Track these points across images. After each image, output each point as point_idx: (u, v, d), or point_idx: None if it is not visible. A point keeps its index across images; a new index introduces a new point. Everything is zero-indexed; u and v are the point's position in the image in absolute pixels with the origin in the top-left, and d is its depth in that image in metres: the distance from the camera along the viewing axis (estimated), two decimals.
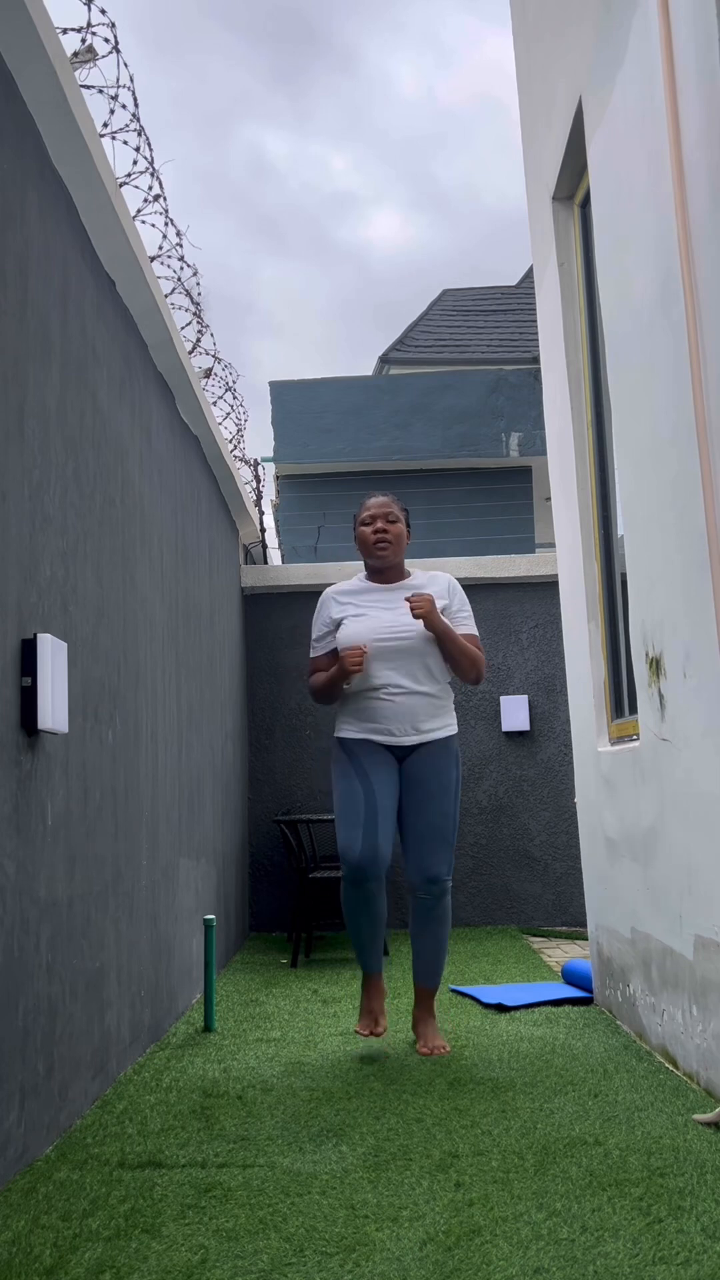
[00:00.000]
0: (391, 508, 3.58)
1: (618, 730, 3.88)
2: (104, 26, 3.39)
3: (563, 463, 4.42)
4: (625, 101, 3.21)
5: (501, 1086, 2.97)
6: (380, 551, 3.54)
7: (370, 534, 3.55)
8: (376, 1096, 2.91)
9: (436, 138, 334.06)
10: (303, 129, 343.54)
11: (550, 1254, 1.86)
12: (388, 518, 3.56)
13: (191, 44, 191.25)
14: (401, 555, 3.59)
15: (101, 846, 3.11)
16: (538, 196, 4.63)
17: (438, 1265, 1.84)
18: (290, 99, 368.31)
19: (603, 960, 4.05)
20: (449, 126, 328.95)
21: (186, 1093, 3.01)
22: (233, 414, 6.29)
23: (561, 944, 5.89)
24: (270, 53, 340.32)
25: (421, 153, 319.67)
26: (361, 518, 3.59)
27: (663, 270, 2.91)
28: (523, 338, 13.68)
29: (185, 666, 4.60)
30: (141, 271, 3.54)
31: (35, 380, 2.64)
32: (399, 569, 3.61)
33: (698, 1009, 2.88)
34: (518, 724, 6.73)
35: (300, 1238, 1.97)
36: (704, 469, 2.62)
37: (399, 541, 3.55)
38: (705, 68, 2.56)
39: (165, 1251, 1.93)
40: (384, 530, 3.54)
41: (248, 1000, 4.42)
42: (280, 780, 6.83)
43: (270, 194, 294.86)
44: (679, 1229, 1.95)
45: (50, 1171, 2.37)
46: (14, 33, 2.48)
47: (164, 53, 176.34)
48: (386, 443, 11.72)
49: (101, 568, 3.22)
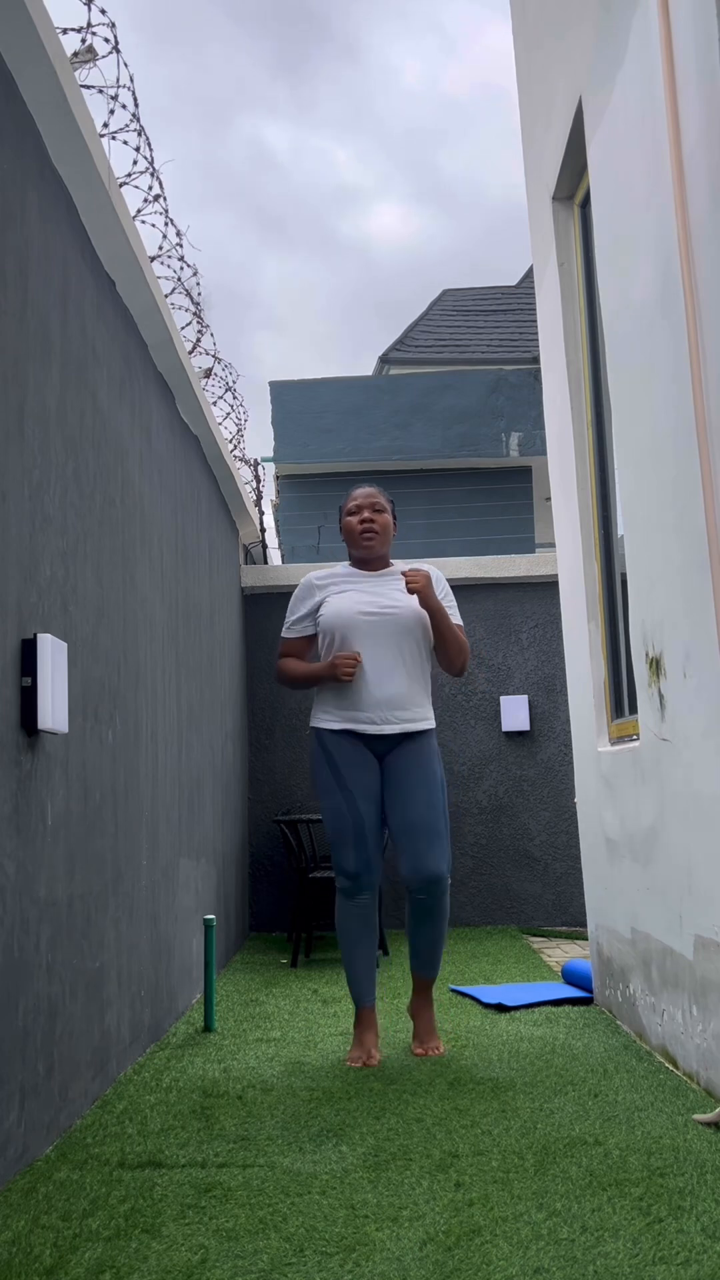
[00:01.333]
0: (378, 498, 3.58)
1: (618, 730, 3.88)
2: (104, 26, 3.39)
3: (563, 463, 4.42)
4: (625, 101, 3.21)
5: (501, 1086, 2.97)
6: (366, 541, 3.53)
7: (357, 524, 3.54)
8: (376, 1096, 2.91)
9: (440, 128, 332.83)
10: (304, 120, 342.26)
11: (550, 1254, 1.86)
12: (374, 507, 3.55)
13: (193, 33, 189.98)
14: (387, 546, 3.58)
15: (101, 846, 3.11)
16: (538, 196, 4.63)
17: (438, 1265, 1.84)
18: (292, 87, 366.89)
19: (603, 960, 4.05)
20: (452, 116, 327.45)
21: (186, 1093, 3.01)
22: (233, 414, 6.30)
23: (561, 944, 5.89)
24: (272, 40, 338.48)
25: (425, 144, 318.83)
26: (348, 507, 3.59)
27: (663, 270, 2.91)
28: (523, 338, 13.68)
29: (185, 666, 4.60)
30: (141, 271, 3.54)
31: (35, 380, 2.65)
32: (384, 559, 3.60)
33: (698, 1009, 2.88)
34: (518, 724, 6.73)
35: (300, 1238, 1.97)
36: (704, 469, 2.62)
37: (385, 532, 3.55)
38: (705, 68, 2.56)
39: (165, 1251, 1.93)
40: (370, 520, 3.53)
41: (248, 1000, 4.42)
42: (280, 780, 6.83)
43: (272, 186, 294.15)
44: (679, 1229, 1.95)
45: (50, 1171, 2.37)
46: (14, 33, 2.48)
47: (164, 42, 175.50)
48: (386, 443, 11.72)
49: (101, 568, 3.22)
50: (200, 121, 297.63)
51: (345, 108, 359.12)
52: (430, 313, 14.87)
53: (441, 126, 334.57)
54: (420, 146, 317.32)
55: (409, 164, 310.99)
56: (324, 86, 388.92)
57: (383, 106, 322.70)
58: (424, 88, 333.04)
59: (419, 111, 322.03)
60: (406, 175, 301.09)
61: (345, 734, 3.45)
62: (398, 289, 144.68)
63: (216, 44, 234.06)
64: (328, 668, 3.42)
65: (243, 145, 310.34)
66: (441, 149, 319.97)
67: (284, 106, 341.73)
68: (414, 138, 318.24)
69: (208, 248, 69.35)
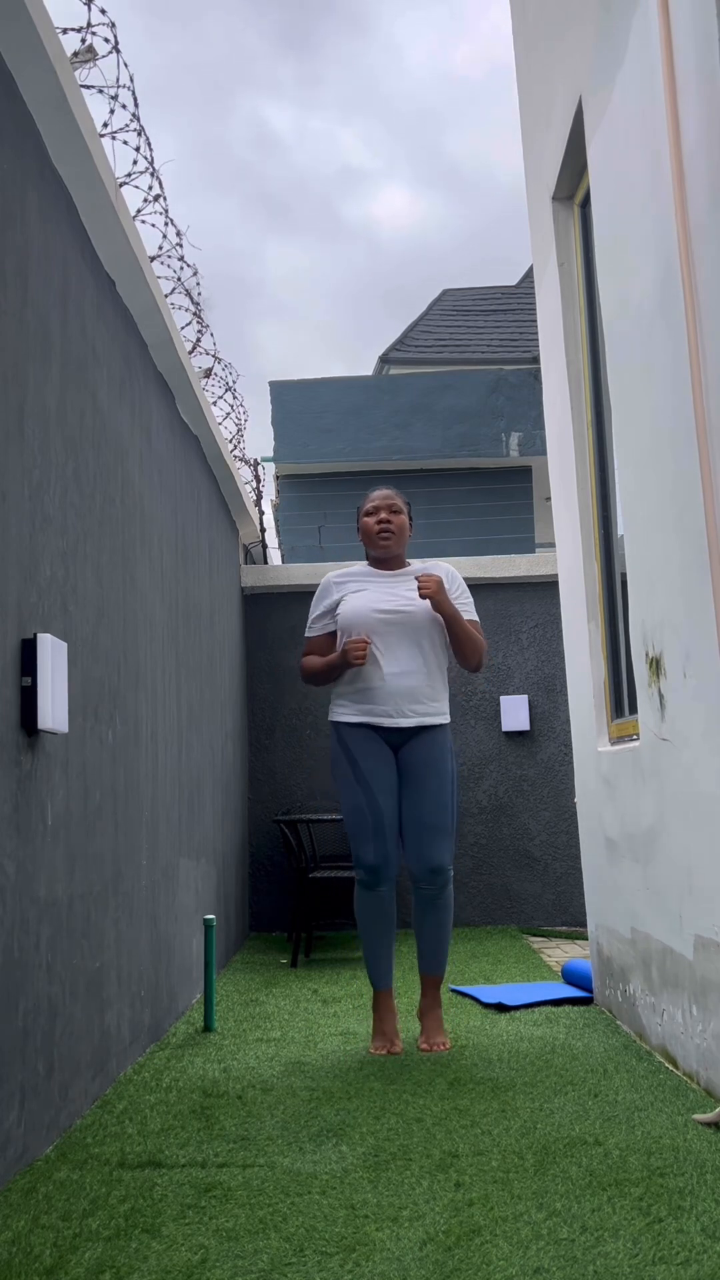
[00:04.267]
0: (395, 500, 3.69)
1: (618, 730, 3.88)
2: (104, 26, 3.39)
3: (563, 463, 4.42)
4: (625, 101, 3.21)
5: (501, 1086, 2.97)
6: (383, 541, 3.64)
7: (374, 524, 3.65)
8: (376, 1096, 2.91)
9: (446, 108, 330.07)
10: (309, 100, 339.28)
11: (550, 1254, 1.86)
12: (391, 509, 3.67)
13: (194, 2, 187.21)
14: (404, 546, 3.69)
15: (101, 846, 3.11)
16: (538, 196, 4.63)
17: (438, 1265, 1.84)
18: (298, 63, 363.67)
19: (603, 960, 4.05)
20: (460, 94, 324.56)
21: (186, 1093, 3.01)
22: (233, 414, 6.30)
23: (561, 944, 5.89)
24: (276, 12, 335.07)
25: (431, 125, 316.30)
26: (365, 508, 3.70)
27: (663, 270, 2.91)
28: (523, 338, 13.68)
29: (185, 666, 4.60)
30: (141, 271, 3.54)
31: (35, 380, 2.65)
32: (400, 559, 3.71)
33: (698, 1009, 2.88)
34: (518, 724, 6.73)
35: (300, 1238, 1.97)
36: (704, 469, 2.62)
37: (401, 532, 3.66)
38: (705, 68, 2.56)
39: (165, 1251, 1.93)
40: (387, 521, 3.64)
41: (248, 1000, 4.42)
42: (280, 780, 6.83)
43: (275, 168, 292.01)
44: (679, 1229, 1.95)
45: (50, 1171, 2.37)
46: (14, 33, 2.48)
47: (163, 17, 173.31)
48: (386, 443, 11.72)
49: (101, 568, 3.22)
50: (201, 101, 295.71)
51: (350, 86, 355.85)
52: (430, 313, 14.88)
53: (449, 106, 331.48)
54: (426, 128, 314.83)
55: (415, 145, 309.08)
56: (330, 65, 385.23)
57: (388, 85, 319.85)
58: (430, 65, 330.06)
59: (425, 91, 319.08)
60: (413, 157, 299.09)
61: (362, 727, 3.56)
62: (404, 276, 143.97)
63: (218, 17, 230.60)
64: (340, 654, 3.52)
65: (246, 124, 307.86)
66: (448, 130, 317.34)
67: (288, 85, 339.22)
68: (421, 119, 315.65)
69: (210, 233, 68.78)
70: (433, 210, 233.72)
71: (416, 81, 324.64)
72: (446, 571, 3.66)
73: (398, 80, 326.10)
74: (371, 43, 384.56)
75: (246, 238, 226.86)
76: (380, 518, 3.64)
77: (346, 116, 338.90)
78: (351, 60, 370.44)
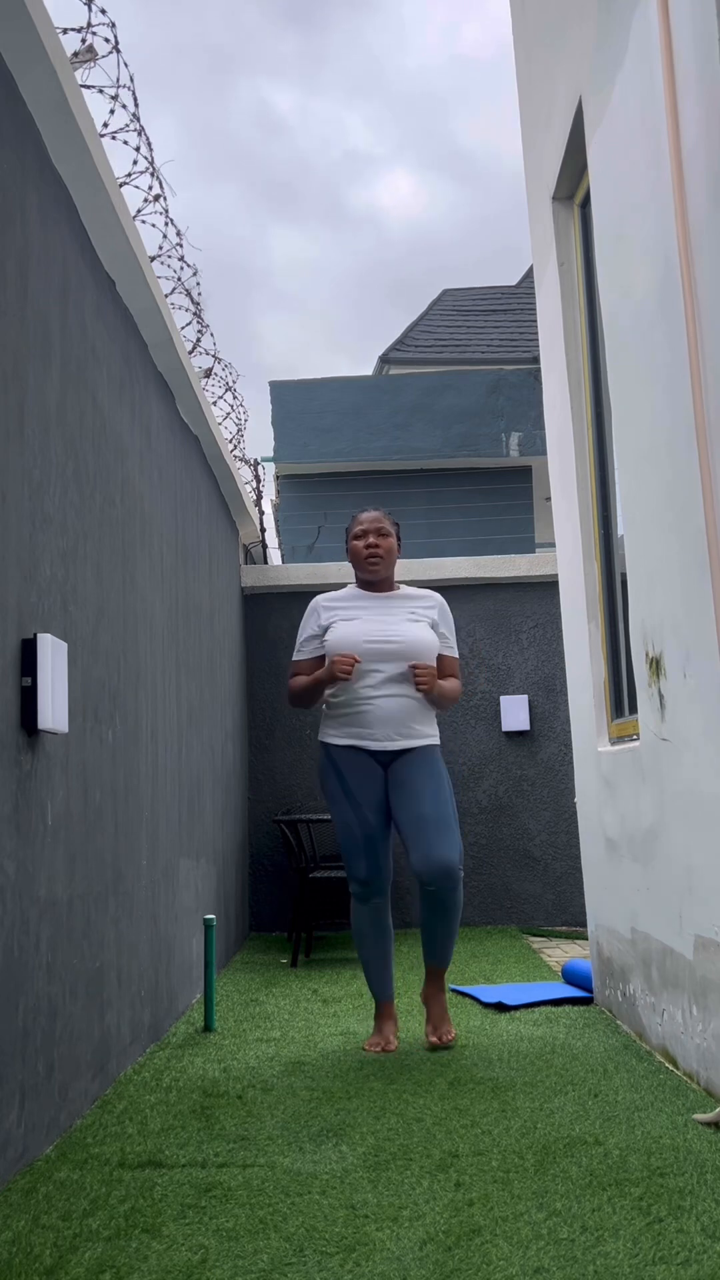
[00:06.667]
0: (383, 522, 3.72)
1: (618, 730, 3.88)
2: (104, 26, 3.39)
3: (563, 463, 4.42)
4: (625, 101, 3.21)
5: (501, 1086, 2.97)
6: (371, 565, 3.67)
7: (362, 548, 3.69)
8: (376, 1096, 2.91)
9: (454, 90, 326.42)
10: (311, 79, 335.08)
11: (550, 1254, 1.86)
12: (380, 532, 3.70)
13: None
14: (392, 569, 3.73)
15: (101, 846, 3.11)
16: (538, 196, 4.63)
17: (438, 1265, 1.84)
18: (301, 38, 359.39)
19: (603, 960, 4.05)
20: (468, 76, 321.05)
21: (186, 1093, 3.01)
22: (233, 414, 6.30)
23: (561, 944, 5.89)
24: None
25: (438, 108, 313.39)
26: (354, 532, 3.73)
27: (663, 270, 2.91)
28: (523, 338, 13.68)
29: (185, 666, 4.60)
30: (141, 271, 3.54)
31: (35, 380, 2.65)
32: (389, 581, 3.74)
33: (698, 1009, 2.88)
34: (518, 724, 6.73)
35: (300, 1238, 1.97)
36: (703, 469, 2.62)
37: (390, 555, 3.70)
38: (705, 68, 2.56)
39: (165, 1251, 1.93)
40: (375, 545, 3.68)
41: (248, 1000, 4.42)
42: (280, 780, 6.83)
43: (278, 150, 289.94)
44: (679, 1229, 1.95)
45: (50, 1171, 2.37)
46: (15, 33, 2.48)
47: None
48: (386, 443, 11.72)
49: (101, 568, 3.22)
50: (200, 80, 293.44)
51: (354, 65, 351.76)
52: (430, 313, 14.88)
53: (457, 89, 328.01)
54: (434, 111, 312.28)
55: (422, 130, 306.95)
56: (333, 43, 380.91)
57: (395, 66, 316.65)
58: (440, 44, 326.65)
59: (432, 73, 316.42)
60: (419, 140, 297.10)
61: (351, 748, 3.58)
62: (410, 267, 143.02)
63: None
64: (327, 670, 3.52)
65: (249, 107, 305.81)
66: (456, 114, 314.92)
67: (289, 64, 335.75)
68: (426, 101, 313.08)
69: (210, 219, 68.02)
70: (440, 197, 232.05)
71: (423, 62, 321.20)
72: (437, 604, 3.70)
73: (403, 59, 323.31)
74: (375, 19, 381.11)
75: (248, 224, 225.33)
76: (369, 541, 3.67)
77: (350, 98, 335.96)
78: (355, 38, 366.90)
